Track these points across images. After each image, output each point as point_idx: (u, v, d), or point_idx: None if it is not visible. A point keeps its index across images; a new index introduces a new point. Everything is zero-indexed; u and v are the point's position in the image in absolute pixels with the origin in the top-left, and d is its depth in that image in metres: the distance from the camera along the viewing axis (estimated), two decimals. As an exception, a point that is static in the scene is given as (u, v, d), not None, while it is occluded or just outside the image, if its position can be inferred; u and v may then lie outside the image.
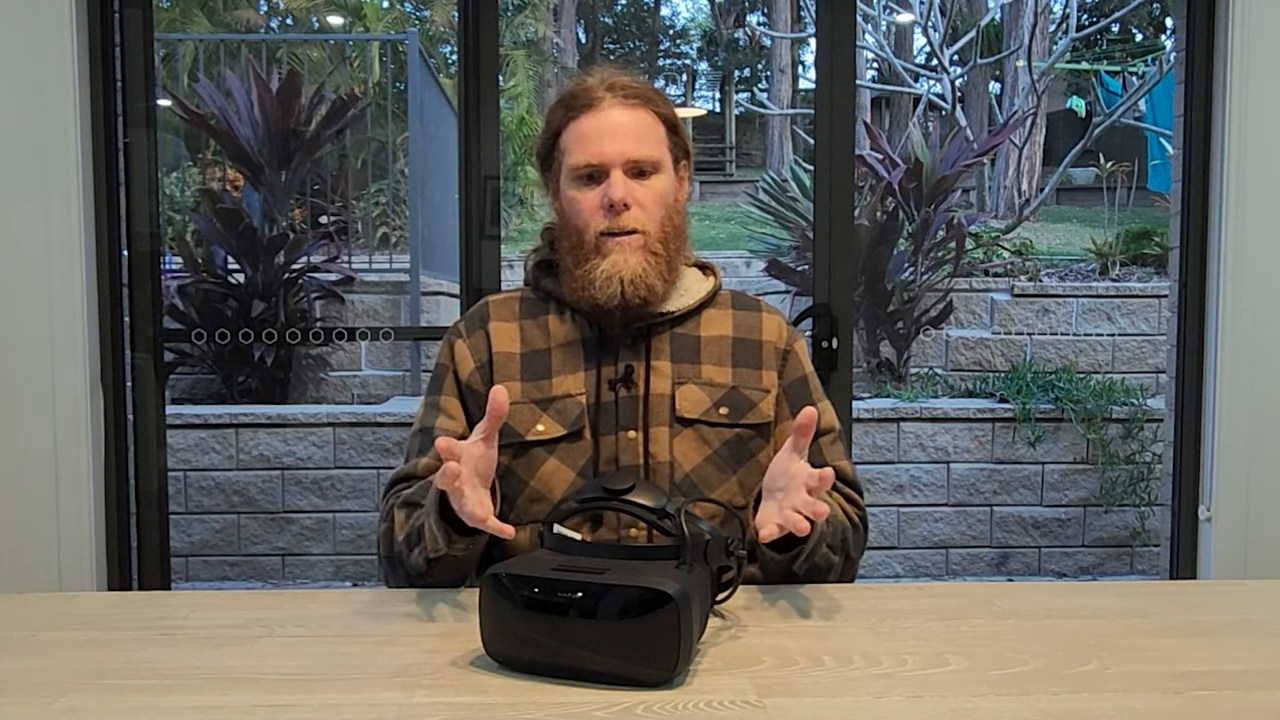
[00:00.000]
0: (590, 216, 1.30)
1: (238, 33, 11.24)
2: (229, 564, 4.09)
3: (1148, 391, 4.54)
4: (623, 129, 1.30)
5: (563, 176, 1.34)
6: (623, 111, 1.31)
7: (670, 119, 1.35)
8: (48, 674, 0.95)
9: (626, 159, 1.30)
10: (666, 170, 1.34)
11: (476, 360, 1.35)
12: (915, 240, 5.15)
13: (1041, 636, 1.05)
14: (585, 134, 1.31)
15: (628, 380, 1.31)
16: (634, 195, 1.30)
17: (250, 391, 4.64)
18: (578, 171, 1.31)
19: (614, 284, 1.28)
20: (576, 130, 1.32)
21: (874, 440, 4.31)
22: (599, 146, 1.30)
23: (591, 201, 1.30)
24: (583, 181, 1.31)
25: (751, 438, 1.34)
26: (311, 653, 1.01)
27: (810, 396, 1.39)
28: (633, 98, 1.32)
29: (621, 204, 1.29)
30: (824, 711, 0.86)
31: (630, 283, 1.28)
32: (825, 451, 1.37)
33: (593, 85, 1.33)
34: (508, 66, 11.37)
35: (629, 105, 1.32)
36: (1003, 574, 4.32)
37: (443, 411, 1.35)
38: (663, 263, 1.31)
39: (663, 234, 1.32)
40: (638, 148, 1.31)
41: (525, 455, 1.30)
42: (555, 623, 0.91)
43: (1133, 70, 9.10)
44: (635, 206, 1.30)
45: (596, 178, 1.30)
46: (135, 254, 2.27)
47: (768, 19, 17.39)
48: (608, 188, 1.29)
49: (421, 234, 5.03)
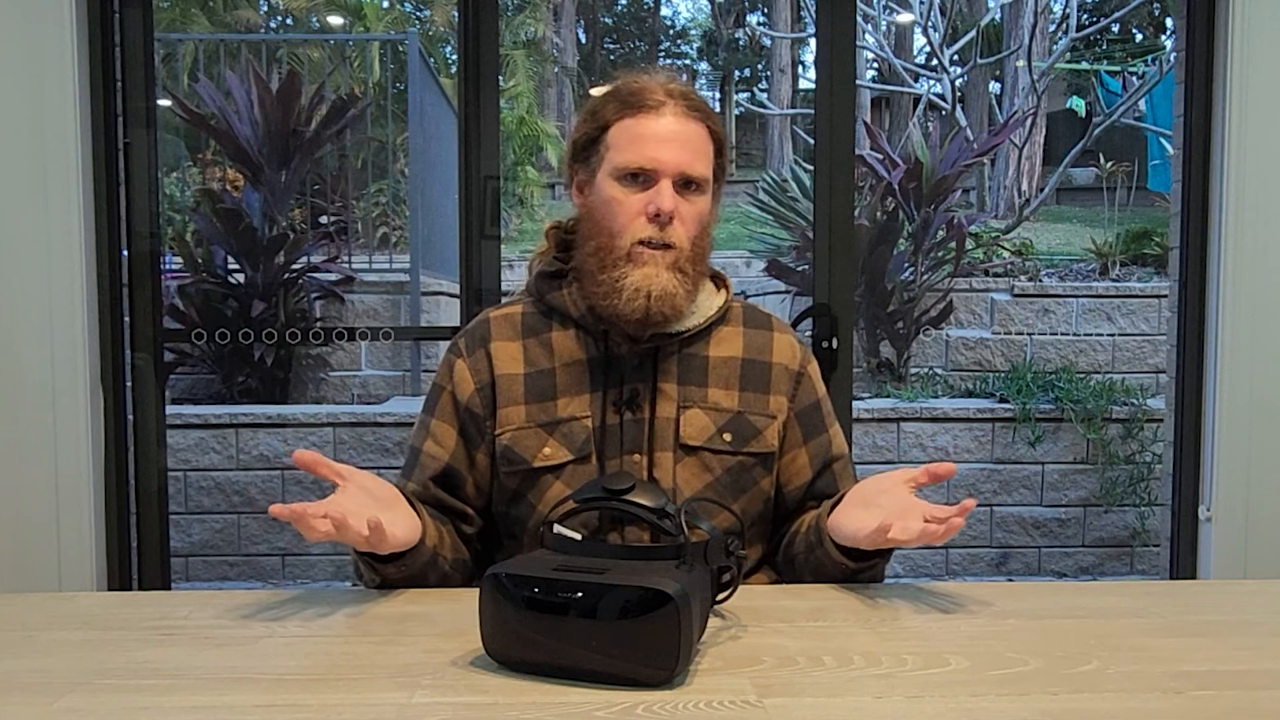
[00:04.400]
0: (630, 221, 1.26)
1: (238, 33, 11.25)
2: (229, 564, 4.09)
3: (1148, 391, 4.54)
4: (680, 139, 1.26)
5: (602, 172, 1.29)
6: (683, 122, 1.27)
7: (721, 139, 1.32)
8: (48, 674, 0.95)
9: (679, 171, 1.26)
10: (709, 190, 1.30)
11: (477, 382, 1.32)
12: (915, 240, 5.16)
13: (1041, 636, 1.05)
14: (642, 135, 1.26)
15: (633, 403, 1.29)
16: (678, 210, 1.26)
17: (250, 391, 4.64)
18: (624, 171, 1.26)
19: (641, 298, 1.24)
20: (631, 129, 1.27)
21: (874, 440, 4.31)
22: (655, 152, 1.25)
23: (635, 206, 1.26)
24: (626, 181, 1.27)
25: (754, 465, 1.32)
26: (311, 653, 1.00)
27: (823, 421, 1.37)
28: (694, 110, 1.28)
29: (668, 215, 1.25)
30: (824, 711, 0.86)
31: (658, 299, 1.24)
32: (840, 479, 1.36)
33: (653, 87, 1.28)
34: (508, 66, 11.37)
35: (689, 117, 1.28)
36: (1003, 574, 4.32)
37: (431, 435, 1.33)
38: (689, 282, 1.28)
39: (694, 253, 1.28)
40: (692, 163, 1.27)
41: (534, 481, 1.29)
42: (555, 623, 0.91)
43: (1133, 70, 9.10)
44: (678, 221, 1.26)
45: (642, 181, 1.26)
46: (135, 254, 2.27)
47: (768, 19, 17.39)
48: (655, 196, 1.25)
49: (421, 234, 5.04)
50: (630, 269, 1.25)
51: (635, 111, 1.27)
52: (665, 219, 1.25)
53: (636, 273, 1.25)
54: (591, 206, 1.30)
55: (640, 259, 1.25)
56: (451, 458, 1.32)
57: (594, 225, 1.29)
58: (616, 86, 1.32)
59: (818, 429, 1.36)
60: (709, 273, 1.37)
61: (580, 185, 1.33)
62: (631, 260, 1.26)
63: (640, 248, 1.26)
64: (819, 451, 1.35)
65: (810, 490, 1.35)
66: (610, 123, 1.29)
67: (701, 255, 1.30)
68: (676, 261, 1.26)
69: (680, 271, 1.26)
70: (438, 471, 1.31)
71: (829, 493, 1.34)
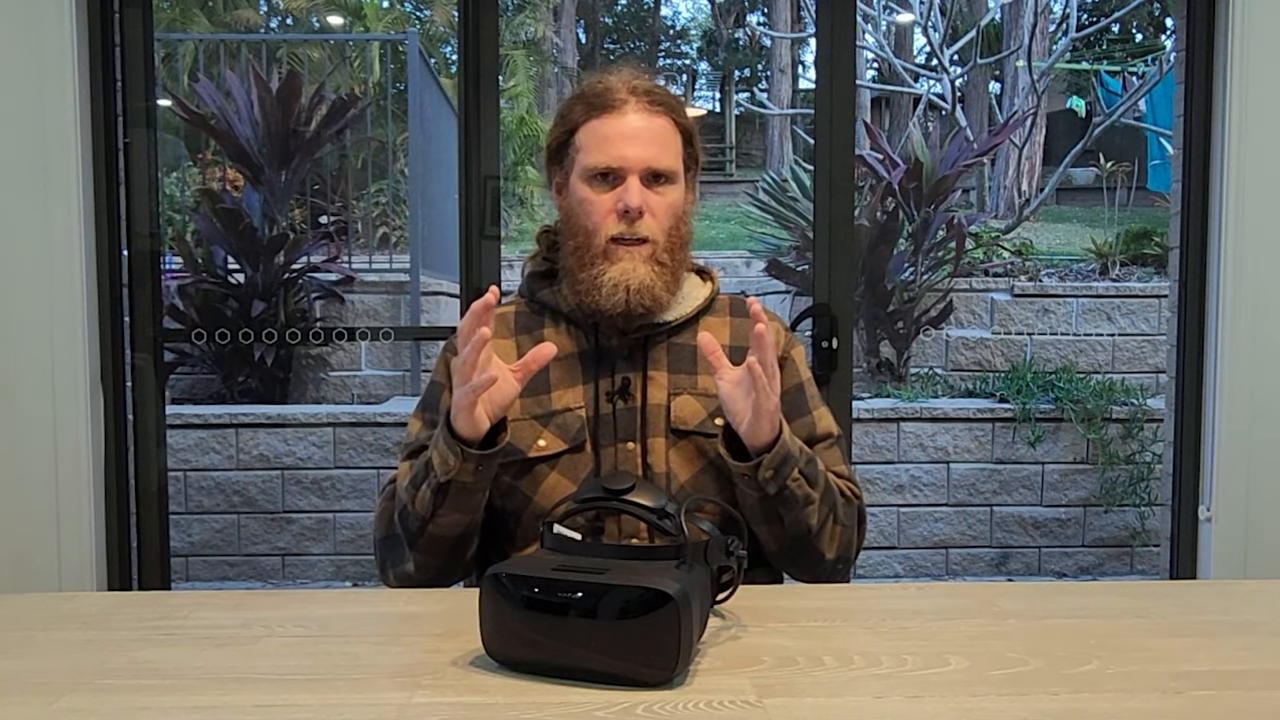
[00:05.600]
0: (602, 220, 1.29)
1: (238, 33, 11.25)
2: (229, 564, 4.09)
3: (1148, 391, 4.55)
4: (644, 135, 1.30)
5: (574, 174, 1.33)
6: (645, 117, 1.30)
7: (688, 129, 1.35)
8: (48, 674, 0.95)
9: (645, 166, 1.29)
10: (680, 180, 1.33)
11: None
12: (915, 240, 5.16)
13: (1041, 636, 1.05)
14: (606, 135, 1.30)
15: (625, 392, 1.31)
16: (648, 203, 1.29)
17: (250, 391, 4.64)
18: (593, 171, 1.30)
19: (620, 292, 1.28)
20: (596, 130, 1.30)
21: (874, 440, 4.31)
22: (619, 150, 1.29)
23: (605, 204, 1.29)
24: (596, 182, 1.30)
25: None
26: (311, 653, 1.00)
27: (807, 404, 1.39)
28: (656, 104, 1.32)
29: (637, 211, 1.28)
30: (824, 711, 0.86)
31: (636, 292, 1.28)
32: (822, 457, 1.36)
33: (616, 86, 1.31)
34: (508, 66, 11.37)
35: (652, 112, 1.31)
36: (1003, 574, 4.32)
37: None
38: (668, 273, 1.31)
39: (670, 243, 1.31)
40: (658, 157, 1.30)
41: (529, 472, 1.30)
42: (555, 623, 0.91)
43: (1133, 70, 9.11)
44: (648, 215, 1.29)
45: (611, 180, 1.30)
46: (135, 254, 2.27)
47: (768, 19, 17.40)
48: (624, 193, 1.28)
49: (421, 234, 5.04)
50: (607, 265, 1.29)
51: (600, 112, 1.31)
52: (635, 214, 1.28)
53: (614, 269, 1.29)
54: (568, 208, 1.35)
55: (615, 255, 1.29)
56: None
57: (572, 225, 1.33)
58: (583, 89, 1.36)
59: (801, 410, 1.38)
60: (695, 267, 1.41)
61: (558, 187, 1.37)
62: (608, 257, 1.30)
63: (614, 245, 1.30)
64: (802, 432, 1.36)
65: None
66: (578, 125, 1.33)
67: (680, 244, 1.33)
68: (653, 254, 1.30)
69: (658, 263, 1.30)
70: None
71: None
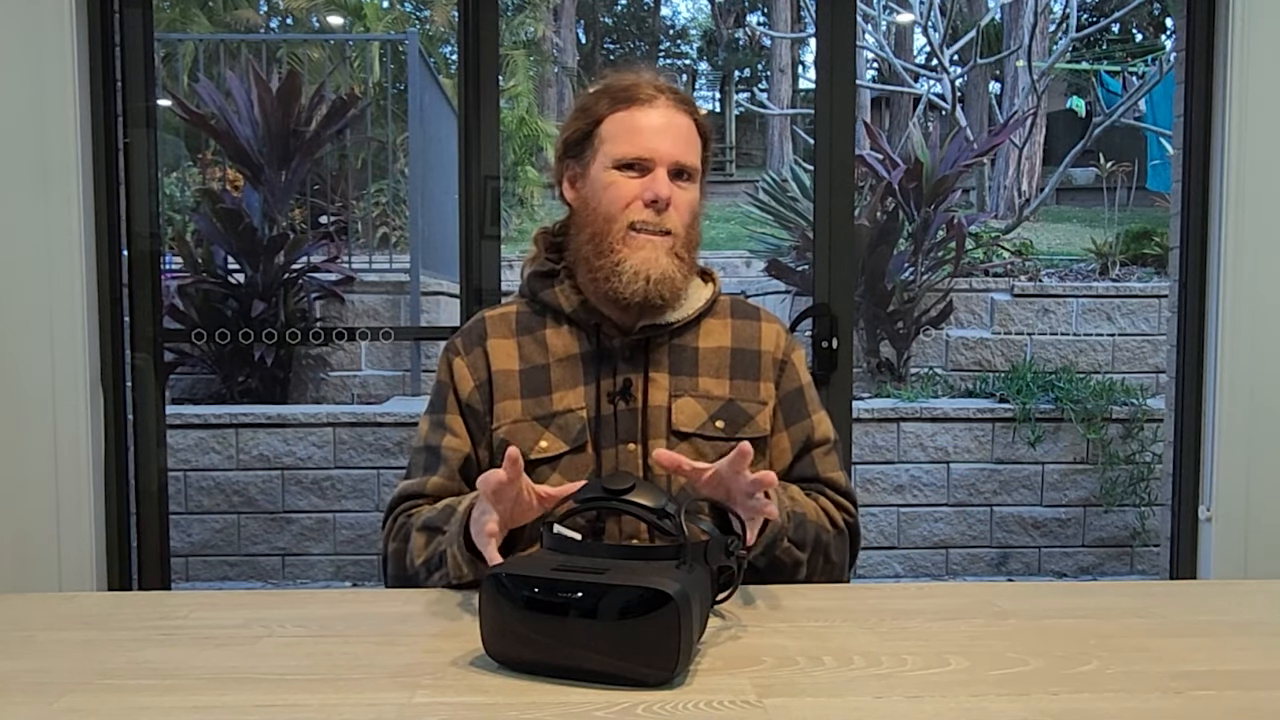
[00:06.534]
0: (626, 205, 1.31)
1: (238, 33, 11.25)
2: (229, 564, 4.09)
3: (1148, 391, 4.54)
4: (673, 131, 1.32)
5: (596, 164, 1.34)
6: (673, 114, 1.33)
7: (706, 132, 1.38)
8: (48, 674, 0.95)
9: (674, 160, 1.31)
10: (698, 180, 1.36)
11: (475, 379, 1.36)
12: (915, 240, 5.15)
13: (1041, 636, 1.05)
14: (637, 126, 1.31)
15: (626, 393, 1.32)
16: (674, 197, 1.31)
17: (250, 391, 4.64)
18: (621, 161, 1.31)
19: (640, 280, 1.29)
20: (625, 121, 1.32)
21: (874, 440, 4.31)
22: (650, 142, 1.31)
23: (632, 190, 1.30)
24: (622, 171, 1.32)
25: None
26: (311, 653, 1.01)
27: (806, 407, 1.40)
28: (682, 103, 1.35)
29: (665, 202, 1.30)
30: (824, 711, 0.86)
31: (657, 282, 1.29)
32: (819, 463, 1.38)
33: (644, 83, 1.34)
34: (508, 66, 11.37)
35: (679, 110, 1.34)
36: (1003, 574, 4.32)
37: (449, 430, 1.35)
38: (685, 268, 1.33)
39: (687, 240, 1.33)
40: (685, 153, 1.33)
41: (530, 474, 1.30)
42: (555, 623, 0.91)
43: (1133, 70, 9.10)
44: (673, 209, 1.31)
45: (639, 170, 1.31)
46: (135, 254, 2.27)
47: (768, 19, 17.39)
48: (652, 183, 1.30)
49: (421, 234, 5.03)
50: (628, 253, 1.30)
51: (629, 105, 1.33)
52: (663, 205, 1.30)
53: (635, 256, 1.30)
54: (586, 197, 1.35)
55: (635, 243, 1.30)
56: (470, 450, 1.35)
57: (589, 213, 1.34)
58: (608, 83, 1.37)
59: (800, 414, 1.39)
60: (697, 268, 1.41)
61: (572, 180, 1.38)
62: (627, 244, 1.30)
63: (634, 232, 1.30)
64: (800, 436, 1.38)
65: (790, 473, 1.37)
66: (603, 117, 1.34)
67: (693, 244, 1.36)
68: (673, 247, 1.32)
69: (677, 257, 1.32)
70: (462, 463, 1.35)
71: (808, 476, 1.37)
